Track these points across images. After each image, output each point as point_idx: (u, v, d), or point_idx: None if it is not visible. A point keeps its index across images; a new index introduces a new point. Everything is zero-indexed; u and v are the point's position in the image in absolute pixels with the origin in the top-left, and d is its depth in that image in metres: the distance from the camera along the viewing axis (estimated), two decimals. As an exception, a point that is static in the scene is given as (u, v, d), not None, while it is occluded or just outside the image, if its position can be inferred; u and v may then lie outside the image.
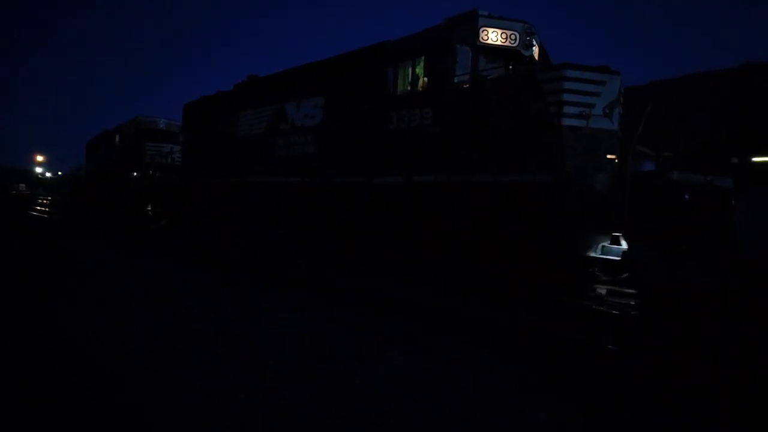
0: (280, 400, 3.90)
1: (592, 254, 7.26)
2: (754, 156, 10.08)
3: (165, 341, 5.16)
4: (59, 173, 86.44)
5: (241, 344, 5.14)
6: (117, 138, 26.69)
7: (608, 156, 7.80)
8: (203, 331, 5.50)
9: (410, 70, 9.41)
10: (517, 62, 9.10)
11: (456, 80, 8.68)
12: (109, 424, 3.52)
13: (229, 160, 15.39)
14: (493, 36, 8.81)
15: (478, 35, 8.69)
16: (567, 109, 7.55)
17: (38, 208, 30.69)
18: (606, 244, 7.33)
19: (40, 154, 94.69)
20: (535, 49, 9.24)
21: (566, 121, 7.55)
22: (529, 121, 7.84)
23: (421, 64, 9.15)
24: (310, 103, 12.39)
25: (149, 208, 21.65)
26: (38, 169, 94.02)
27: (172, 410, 3.72)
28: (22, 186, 77.92)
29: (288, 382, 4.22)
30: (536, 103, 7.84)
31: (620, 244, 7.27)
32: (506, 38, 8.92)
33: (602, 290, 7.44)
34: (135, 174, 23.50)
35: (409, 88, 9.46)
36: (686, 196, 6.46)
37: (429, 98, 8.92)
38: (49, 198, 50.53)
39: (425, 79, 9.15)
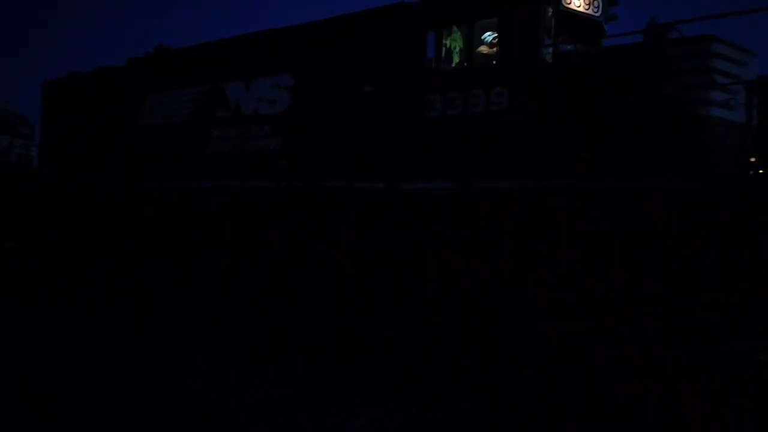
0: None
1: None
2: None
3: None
4: None
5: None
6: None
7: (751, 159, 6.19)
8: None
9: (465, 36, 6.97)
10: (595, 38, 7.18)
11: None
12: None
13: (124, 158, 11.41)
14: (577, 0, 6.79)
15: (562, -5, 6.62)
16: (713, 96, 5.76)
17: None
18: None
19: None
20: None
21: (713, 111, 5.76)
22: (657, 109, 5.90)
23: (490, 28, 6.80)
24: (268, 84, 9.29)
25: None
26: None
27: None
28: None
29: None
30: (666, 87, 5.94)
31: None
32: (589, 5, 6.95)
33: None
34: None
35: (464, 61, 7.03)
36: None
37: (504, 75, 6.57)
38: None
39: (494, 49, 6.81)
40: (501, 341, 6.10)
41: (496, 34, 6.88)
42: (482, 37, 6.94)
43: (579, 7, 6.83)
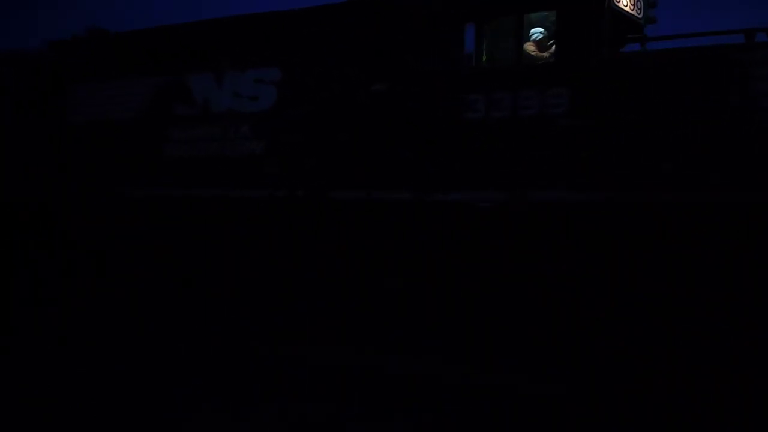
0: None
1: None
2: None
3: None
4: None
5: None
6: None
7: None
8: None
9: (514, 31, 6.23)
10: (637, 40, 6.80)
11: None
12: None
13: (48, 161, 9.35)
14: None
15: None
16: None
17: None
18: None
19: None
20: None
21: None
22: (727, 118, 5.57)
23: (546, 22, 6.11)
24: (248, 78, 7.98)
25: None
26: None
27: None
28: None
29: None
30: (734, 96, 5.63)
31: None
32: (634, 5, 6.54)
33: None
34: None
35: (508, 58, 6.29)
36: None
37: (562, 75, 5.92)
38: None
39: (549, 45, 6.14)
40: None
41: (543, 31, 6.24)
42: (530, 34, 6.25)
43: (626, 6, 6.38)
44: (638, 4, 6.61)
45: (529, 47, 6.30)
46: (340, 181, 7.03)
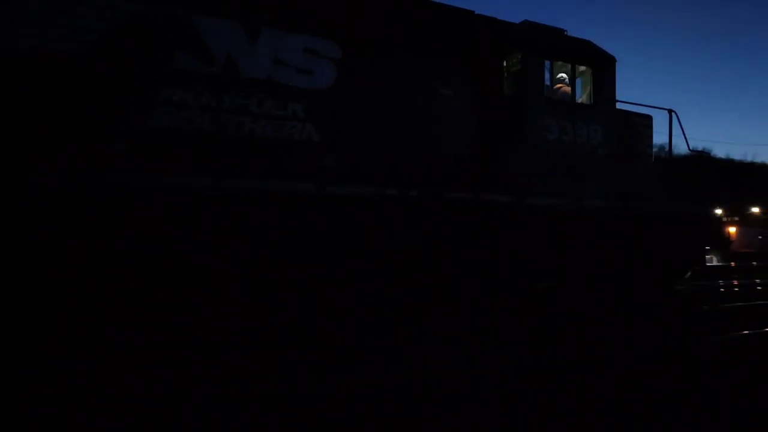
0: None
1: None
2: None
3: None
4: None
5: None
6: None
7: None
8: None
9: (569, 74, 7.86)
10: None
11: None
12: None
13: None
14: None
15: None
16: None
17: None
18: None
19: None
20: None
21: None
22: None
23: (584, 75, 7.98)
24: (294, 43, 6.43)
25: None
26: None
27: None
28: None
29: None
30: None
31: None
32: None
33: None
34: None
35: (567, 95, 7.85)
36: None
37: (597, 115, 8.07)
38: None
39: (568, 86, 8.07)
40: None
41: (566, 76, 8.21)
42: (557, 76, 8.07)
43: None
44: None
45: (561, 85, 8.14)
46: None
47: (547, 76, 7.86)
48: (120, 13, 5.54)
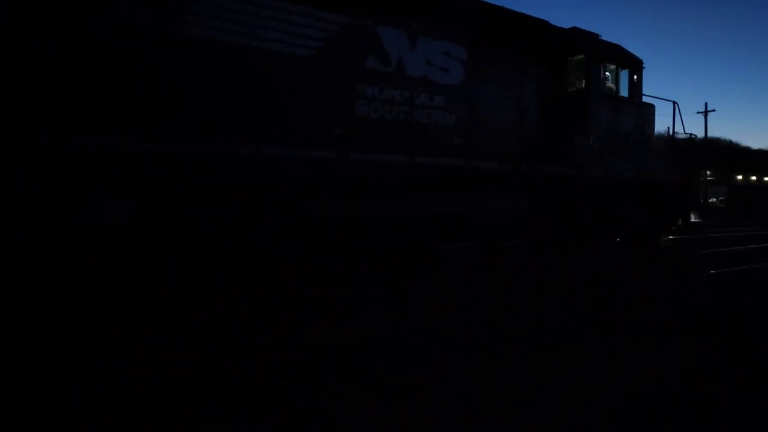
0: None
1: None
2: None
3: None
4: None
5: None
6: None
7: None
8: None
9: (615, 73, 10.13)
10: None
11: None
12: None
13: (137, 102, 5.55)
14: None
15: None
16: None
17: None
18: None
19: None
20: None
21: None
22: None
23: (623, 75, 10.27)
24: (438, 48, 8.19)
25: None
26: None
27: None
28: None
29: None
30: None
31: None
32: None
33: None
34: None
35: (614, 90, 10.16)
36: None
37: (632, 108, 10.47)
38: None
39: (618, 88, 10.37)
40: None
41: (609, 75, 10.50)
42: (602, 77, 10.34)
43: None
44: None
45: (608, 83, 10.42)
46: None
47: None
48: (334, 24, 7.04)
